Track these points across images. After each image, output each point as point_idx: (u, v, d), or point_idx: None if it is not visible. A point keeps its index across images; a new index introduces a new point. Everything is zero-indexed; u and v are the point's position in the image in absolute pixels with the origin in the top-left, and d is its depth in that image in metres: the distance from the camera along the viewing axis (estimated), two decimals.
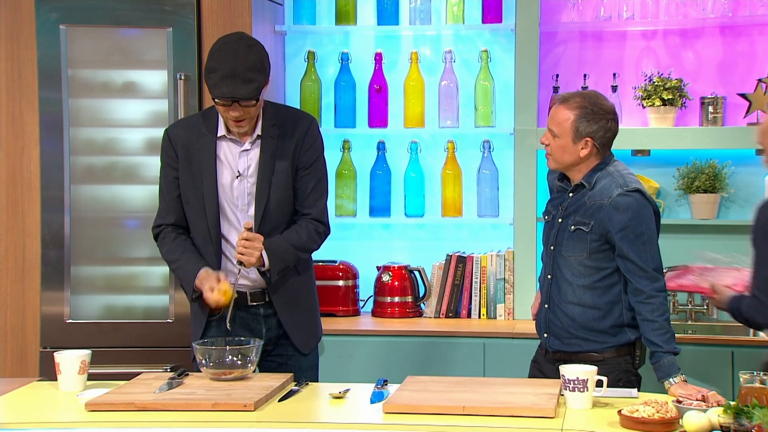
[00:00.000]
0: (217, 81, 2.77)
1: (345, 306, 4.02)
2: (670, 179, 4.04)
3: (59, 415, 2.52)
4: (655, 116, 3.92)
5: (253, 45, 2.83)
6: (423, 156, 4.18)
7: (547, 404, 2.44)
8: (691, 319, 3.96)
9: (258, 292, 2.98)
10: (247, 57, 2.78)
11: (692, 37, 4.05)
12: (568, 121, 2.83)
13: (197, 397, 2.54)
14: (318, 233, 2.99)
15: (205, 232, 2.94)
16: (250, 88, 2.77)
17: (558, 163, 2.89)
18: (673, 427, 2.32)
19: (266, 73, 2.83)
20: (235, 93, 2.76)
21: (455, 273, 3.99)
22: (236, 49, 2.78)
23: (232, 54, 2.77)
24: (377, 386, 2.69)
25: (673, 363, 2.70)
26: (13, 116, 3.70)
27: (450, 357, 3.67)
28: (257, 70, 2.79)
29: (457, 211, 4.13)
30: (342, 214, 4.14)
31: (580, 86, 4.02)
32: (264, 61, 2.83)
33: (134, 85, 3.68)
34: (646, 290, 2.76)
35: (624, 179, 2.83)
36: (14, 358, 3.72)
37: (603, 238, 2.81)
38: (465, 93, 4.13)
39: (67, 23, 3.63)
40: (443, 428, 2.37)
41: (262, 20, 3.86)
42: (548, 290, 2.92)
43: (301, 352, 3.02)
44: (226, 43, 2.82)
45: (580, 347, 2.86)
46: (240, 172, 2.93)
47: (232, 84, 2.75)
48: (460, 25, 4.11)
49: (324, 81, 4.18)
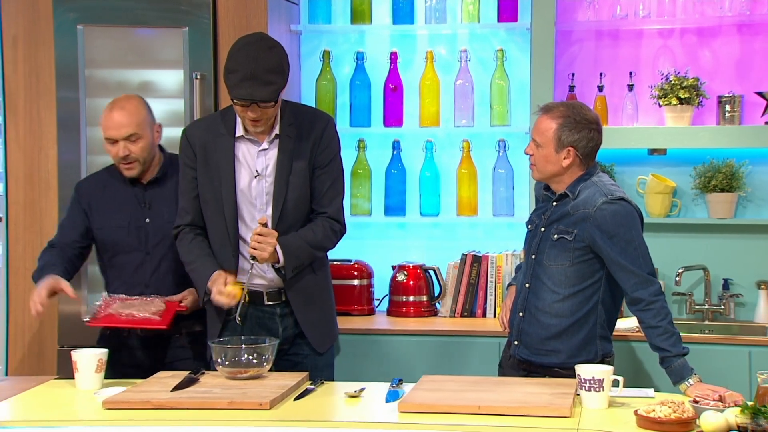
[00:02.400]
0: (237, 82, 2.77)
1: (360, 305, 4.02)
2: (686, 178, 4.02)
3: (77, 413, 2.53)
4: (672, 115, 3.90)
5: (273, 47, 2.83)
6: (438, 155, 4.17)
7: (563, 404, 2.44)
8: (708, 319, 3.93)
9: (274, 291, 2.99)
10: (267, 59, 2.79)
11: (709, 36, 4.03)
12: (551, 130, 2.82)
13: (213, 396, 2.55)
14: (334, 232, 2.99)
15: (223, 232, 2.95)
16: (269, 90, 2.78)
17: (541, 173, 2.88)
18: (690, 428, 2.32)
19: (285, 75, 2.83)
20: (254, 95, 2.77)
21: (470, 272, 3.98)
22: (256, 51, 2.79)
23: (252, 55, 2.78)
24: (392, 385, 2.70)
25: (684, 365, 2.69)
26: (31, 116, 3.73)
27: (465, 356, 3.66)
28: (277, 72, 2.79)
29: (472, 211, 4.12)
30: (357, 214, 4.14)
31: (596, 85, 4.01)
32: (283, 64, 2.83)
33: (150, 85, 3.70)
34: (644, 297, 2.74)
35: (608, 188, 2.83)
36: (32, 356, 3.75)
37: (587, 248, 2.80)
38: (480, 92, 4.12)
39: (85, 23, 3.65)
40: (458, 428, 2.36)
41: (278, 20, 3.87)
42: (525, 299, 2.91)
43: (317, 352, 3.03)
44: (246, 44, 2.83)
45: (548, 360, 2.86)
46: (258, 171, 2.94)
47: (251, 86, 2.76)
48: (475, 24, 4.10)
49: (339, 80, 4.18)
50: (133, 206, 3.14)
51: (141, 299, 3.05)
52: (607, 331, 2.88)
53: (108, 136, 3.07)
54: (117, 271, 3.15)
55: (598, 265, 2.82)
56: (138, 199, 3.14)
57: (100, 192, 3.17)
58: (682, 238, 4.01)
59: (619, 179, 4.01)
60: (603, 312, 2.85)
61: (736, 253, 3.97)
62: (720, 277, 3.96)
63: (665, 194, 3.98)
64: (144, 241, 3.11)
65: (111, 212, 3.14)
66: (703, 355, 3.32)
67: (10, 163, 3.74)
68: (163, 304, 3.03)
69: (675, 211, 4.03)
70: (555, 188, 2.91)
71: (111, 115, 3.07)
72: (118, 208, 3.14)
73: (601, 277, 2.83)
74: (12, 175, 3.73)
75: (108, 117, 3.07)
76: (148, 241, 3.11)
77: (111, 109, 3.08)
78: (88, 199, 3.17)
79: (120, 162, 3.08)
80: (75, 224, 3.16)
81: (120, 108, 3.07)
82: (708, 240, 3.99)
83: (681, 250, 3.99)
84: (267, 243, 2.83)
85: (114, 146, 3.07)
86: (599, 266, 2.82)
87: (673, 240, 3.99)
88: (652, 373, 3.44)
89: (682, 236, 4.01)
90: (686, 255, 3.98)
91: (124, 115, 3.05)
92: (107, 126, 3.07)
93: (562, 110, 2.85)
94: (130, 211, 3.13)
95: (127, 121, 3.05)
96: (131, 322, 2.97)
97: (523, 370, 2.91)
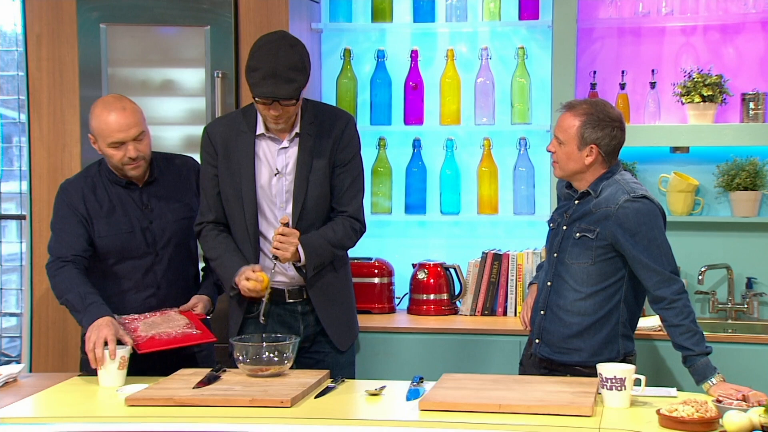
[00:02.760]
0: (258, 80, 2.78)
1: (381, 303, 4.02)
2: (709, 176, 3.99)
3: (100, 410, 2.55)
4: (695, 113, 3.87)
5: (295, 45, 2.84)
6: (459, 153, 4.17)
7: (585, 402, 2.43)
8: (731, 318, 3.91)
9: (296, 289, 3.00)
10: (289, 56, 2.79)
11: (733, 33, 4.00)
12: (574, 127, 2.81)
13: (235, 393, 2.57)
14: (354, 230, 3.00)
15: (243, 229, 2.96)
16: (290, 88, 2.78)
17: (563, 171, 2.87)
18: (713, 427, 2.30)
19: (307, 73, 2.83)
20: (276, 93, 2.77)
21: (491, 270, 3.98)
22: (278, 49, 2.80)
23: (273, 53, 2.79)
24: (413, 383, 2.69)
25: (707, 364, 2.67)
26: (55, 114, 3.76)
27: (486, 355, 3.66)
28: (298, 70, 2.80)
29: (493, 209, 4.11)
30: (378, 212, 4.15)
31: (618, 83, 3.99)
32: (305, 61, 2.83)
33: (172, 83, 3.72)
34: (667, 296, 2.73)
35: (630, 186, 2.81)
36: (55, 353, 3.78)
37: (609, 246, 2.79)
38: (501, 90, 4.11)
39: (108, 22, 3.68)
40: (479, 426, 2.36)
41: (299, 18, 3.88)
42: (547, 297, 2.90)
43: (339, 350, 3.03)
44: (268, 42, 2.83)
45: (570, 358, 2.85)
46: (278, 169, 2.95)
47: (273, 83, 2.77)
48: (496, 22, 4.09)
49: (360, 78, 4.18)
50: (134, 209, 3.03)
51: (158, 315, 2.97)
52: (629, 329, 2.87)
53: (115, 140, 2.93)
54: (122, 276, 3.03)
55: (620, 264, 2.81)
56: (138, 202, 3.03)
57: (92, 196, 3.02)
58: (705, 237, 3.98)
59: (641, 177, 3.99)
60: (625, 310, 2.84)
61: (759, 252, 3.94)
62: (743, 276, 3.93)
63: (688, 192, 3.95)
64: (152, 244, 3.03)
65: (113, 218, 3.01)
66: (727, 355, 3.30)
67: (34, 161, 3.77)
68: (182, 316, 2.98)
69: (698, 209, 4.00)
70: (577, 186, 2.89)
71: (112, 118, 2.92)
72: (122, 212, 3.02)
73: (624, 276, 2.82)
74: (36, 172, 3.77)
75: (109, 121, 2.92)
76: (156, 243, 3.04)
77: (108, 112, 2.93)
78: (83, 205, 3.00)
79: (127, 164, 2.96)
80: (78, 233, 2.98)
81: (121, 109, 2.94)
82: (731, 238, 3.96)
83: (704, 248, 3.96)
84: (289, 243, 2.84)
85: (119, 149, 2.94)
86: (622, 264, 2.81)
87: (696, 238, 3.96)
88: (675, 372, 3.42)
89: (705, 235, 3.98)
90: (709, 253, 3.95)
91: (128, 116, 2.94)
92: (112, 130, 2.92)
93: (585, 108, 2.84)
94: (133, 214, 3.02)
95: (133, 120, 2.94)
96: (178, 341, 2.88)
97: (544, 368, 2.90)
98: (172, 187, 3.08)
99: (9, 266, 4.79)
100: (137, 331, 2.89)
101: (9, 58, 4.76)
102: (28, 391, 2.73)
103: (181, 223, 3.09)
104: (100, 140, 2.96)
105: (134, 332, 2.88)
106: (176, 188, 3.10)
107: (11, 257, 4.78)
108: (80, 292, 2.88)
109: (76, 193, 3.03)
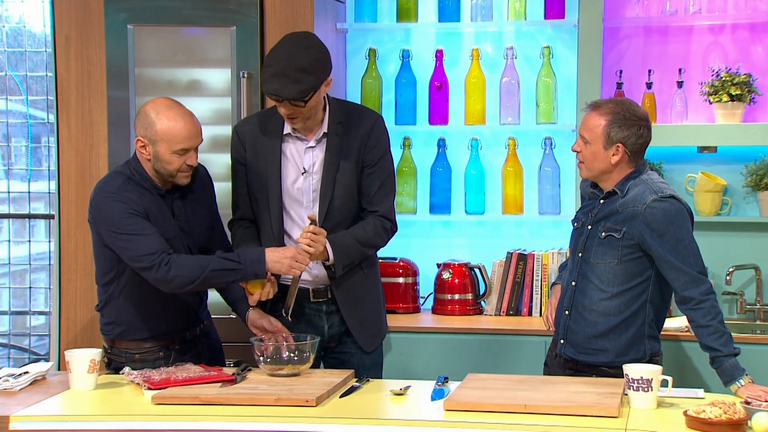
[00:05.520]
0: (267, 77, 2.79)
1: (405, 303, 4.02)
2: (737, 176, 3.96)
3: (127, 408, 2.57)
4: (723, 112, 3.84)
5: (311, 47, 2.83)
6: (483, 153, 4.16)
7: (611, 403, 2.41)
8: (760, 319, 3.87)
9: (321, 288, 3.00)
10: (301, 58, 2.78)
11: (762, 32, 3.96)
12: (600, 126, 2.80)
13: (260, 392, 2.58)
14: (385, 230, 2.98)
15: (269, 228, 2.98)
16: (296, 89, 2.77)
17: (590, 170, 2.85)
18: (741, 429, 2.28)
19: (318, 76, 2.80)
20: (281, 92, 2.78)
21: (516, 271, 3.96)
22: (292, 49, 2.80)
23: (287, 53, 2.79)
24: (438, 383, 2.69)
25: (735, 365, 2.65)
26: (83, 114, 3.79)
27: (511, 355, 3.65)
28: (308, 72, 2.77)
29: (517, 209, 4.10)
30: (402, 212, 4.14)
31: (644, 82, 3.96)
32: (317, 65, 2.80)
33: (198, 84, 3.74)
34: (695, 296, 2.71)
35: (658, 186, 2.79)
36: None
37: (636, 246, 2.77)
38: (526, 90, 4.10)
39: (135, 23, 3.71)
40: (504, 426, 2.36)
41: (324, 18, 3.89)
42: (572, 297, 2.89)
43: (364, 351, 3.02)
44: (286, 41, 2.84)
45: (595, 358, 2.83)
46: (305, 169, 2.96)
47: (280, 82, 2.77)
48: (521, 21, 4.08)
49: (385, 78, 4.19)
50: (168, 217, 2.87)
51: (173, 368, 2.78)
52: (655, 330, 2.85)
53: (183, 147, 2.77)
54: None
55: (647, 264, 2.79)
56: (171, 211, 2.89)
57: (138, 201, 2.81)
58: (732, 237, 3.95)
59: (668, 177, 3.96)
60: (651, 311, 2.82)
61: None
62: None
63: (715, 192, 3.92)
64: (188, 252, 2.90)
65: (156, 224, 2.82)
66: (755, 356, 3.27)
67: (63, 161, 3.81)
68: (198, 367, 2.82)
69: (725, 209, 3.96)
70: (603, 186, 2.88)
71: (183, 124, 2.76)
72: (159, 220, 2.84)
73: (650, 276, 2.80)
74: (64, 172, 3.80)
75: (180, 127, 2.76)
76: (191, 251, 2.91)
77: (179, 118, 2.77)
78: (141, 208, 2.81)
79: (184, 171, 2.82)
80: (153, 230, 2.79)
81: (188, 115, 2.80)
82: (759, 239, 3.92)
83: (731, 249, 3.93)
84: (319, 241, 2.84)
85: (182, 156, 2.78)
86: (648, 264, 2.79)
87: (724, 239, 3.93)
88: (702, 373, 3.39)
89: (733, 235, 3.95)
90: (737, 254, 3.91)
91: (196, 123, 2.81)
92: (183, 137, 2.76)
93: (611, 107, 2.82)
94: (168, 224, 2.86)
95: (200, 127, 2.82)
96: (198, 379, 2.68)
97: (569, 369, 2.89)
98: (196, 195, 2.97)
99: (38, 265, 4.84)
100: (149, 380, 2.68)
101: (38, 59, 4.81)
102: (56, 389, 2.75)
103: (208, 232, 3.01)
104: (163, 145, 2.77)
105: (147, 380, 2.68)
106: (200, 196, 3.00)
107: (40, 256, 4.83)
108: (216, 257, 2.78)
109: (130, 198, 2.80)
